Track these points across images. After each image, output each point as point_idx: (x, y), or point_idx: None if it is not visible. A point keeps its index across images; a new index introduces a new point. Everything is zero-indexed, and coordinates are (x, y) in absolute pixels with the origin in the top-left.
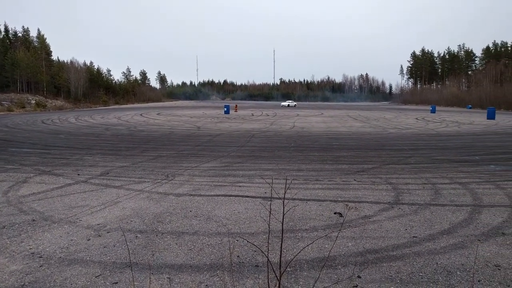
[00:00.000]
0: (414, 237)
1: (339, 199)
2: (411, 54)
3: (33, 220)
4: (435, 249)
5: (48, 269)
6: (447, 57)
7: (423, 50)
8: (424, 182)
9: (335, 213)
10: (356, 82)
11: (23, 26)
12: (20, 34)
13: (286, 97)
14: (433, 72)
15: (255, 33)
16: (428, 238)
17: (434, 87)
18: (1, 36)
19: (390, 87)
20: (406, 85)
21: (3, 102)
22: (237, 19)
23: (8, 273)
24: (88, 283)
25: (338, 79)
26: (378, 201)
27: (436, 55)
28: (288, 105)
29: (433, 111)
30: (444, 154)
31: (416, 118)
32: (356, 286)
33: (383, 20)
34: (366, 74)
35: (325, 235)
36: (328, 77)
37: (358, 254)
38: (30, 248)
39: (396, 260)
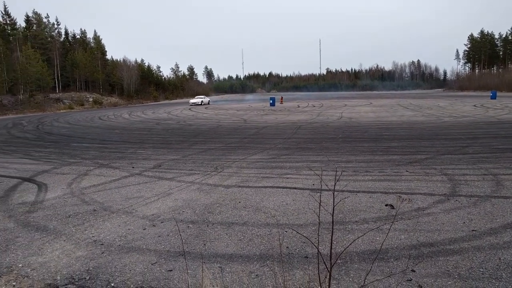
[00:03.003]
0: (473, 230)
1: (391, 191)
2: (468, 37)
3: (94, 210)
4: (497, 244)
5: (109, 255)
6: (510, 38)
7: (482, 32)
8: (484, 173)
9: (386, 205)
10: (407, 69)
11: (80, 29)
12: (78, 36)
13: (333, 87)
14: (493, 56)
15: (301, 23)
16: (489, 232)
17: (495, 71)
18: (62, 39)
19: (445, 73)
20: (463, 71)
21: (65, 101)
22: (282, 10)
23: (75, 258)
24: (145, 270)
25: (388, 67)
26: (433, 192)
27: (497, 36)
28: (194, 103)
29: (493, 97)
30: (507, 143)
31: (474, 105)
32: (410, 280)
33: (435, 2)
34: (418, 60)
35: (377, 228)
36: (377, 65)
37: (412, 247)
38: (92, 236)
39: (454, 254)
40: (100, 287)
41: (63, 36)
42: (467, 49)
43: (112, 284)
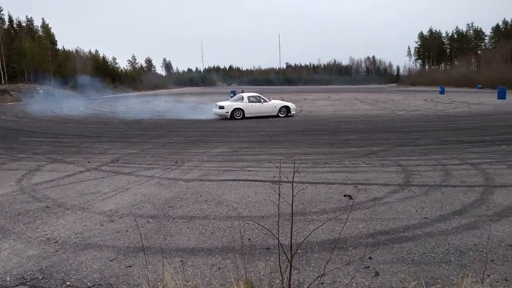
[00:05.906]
0: (425, 218)
1: (349, 182)
2: (419, 35)
3: (47, 206)
4: (446, 230)
5: (64, 253)
6: (455, 36)
7: (430, 31)
8: (434, 164)
9: (344, 195)
10: (363, 65)
11: (26, 16)
12: (24, 24)
13: (292, 82)
14: (441, 53)
15: (261, 16)
16: (439, 219)
17: (443, 67)
18: (6, 27)
19: (398, 69)
20: (414, 67)
21: (12, 93)
22: (242, 2)
23: (26, 258)
24: (103, 266)
25: (345, 62)
26: (388, 183)
27: (444, 35)
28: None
29: (442, 92)
30: (454, 135)
31: (425, 100)
32: (368, 267)
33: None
34: (373, 56)
35: (335, 217)
36: (335, 60)
37: (369, 235)
38: (45, 234)
39: (408, 241)
40: (55, 287)
41: (7, 23)
42: (417, 46)
43: (68, 283)
